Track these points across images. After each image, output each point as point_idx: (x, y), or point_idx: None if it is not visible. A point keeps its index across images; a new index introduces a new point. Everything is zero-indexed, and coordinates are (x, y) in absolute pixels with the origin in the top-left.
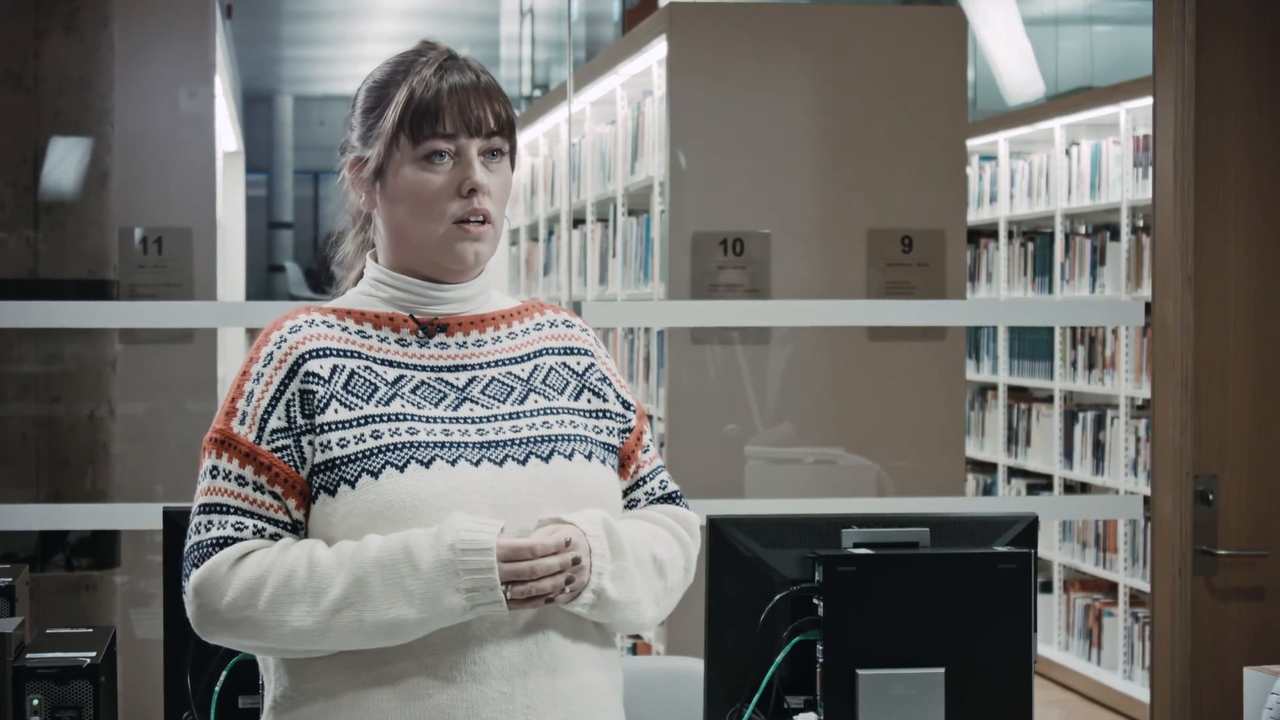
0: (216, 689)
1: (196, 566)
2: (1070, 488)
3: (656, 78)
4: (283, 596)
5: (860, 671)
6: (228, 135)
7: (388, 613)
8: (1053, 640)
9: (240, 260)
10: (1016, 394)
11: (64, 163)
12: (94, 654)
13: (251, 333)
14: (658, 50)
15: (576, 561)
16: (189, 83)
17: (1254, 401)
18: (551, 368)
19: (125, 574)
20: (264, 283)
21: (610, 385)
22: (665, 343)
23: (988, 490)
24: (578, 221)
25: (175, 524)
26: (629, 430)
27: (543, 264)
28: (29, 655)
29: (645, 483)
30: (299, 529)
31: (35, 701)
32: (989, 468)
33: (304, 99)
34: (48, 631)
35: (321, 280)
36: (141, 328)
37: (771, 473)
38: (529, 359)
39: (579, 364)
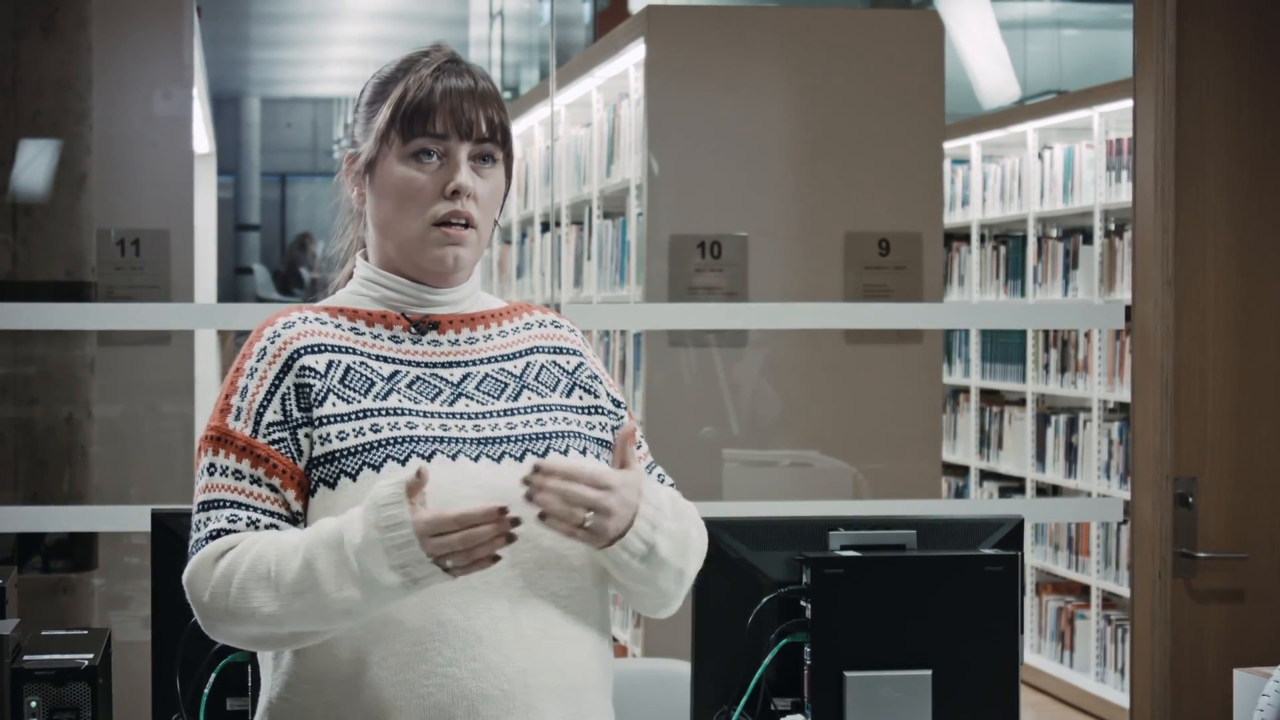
0: (206, 691)
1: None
2: (1042, 490)
3: (633, 80)
4: (250, 583)
5: (848, 673)
6: (200, 137)
7: (336, 595)
8: (1025, 643)
9: (211, 263)
10: (989, 397)
11: (32, 165)
12: (91, 655)
13: (223, 335)
14: (634, 53)
15: (515, 522)
16: (166, 84)
17: (1234, 404)
18: (543, 365)
19: (103, 576)
20: (231, 285)
21: (600, 383)
22: (642, 345)
23: (959, 493)
24: (554, 224)
25: (164, 526)
26: (621, 426)
27: (516, 267)
28: (26, 657)
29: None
30: (299, 521)
31: (34, 703)
32: (961, 470)
33: (271, 101)
34: (43, 633)
35: (289, 283)
36: (119, 329)
37: (748, 475)
38: (521, 356)
39: (569, 363)
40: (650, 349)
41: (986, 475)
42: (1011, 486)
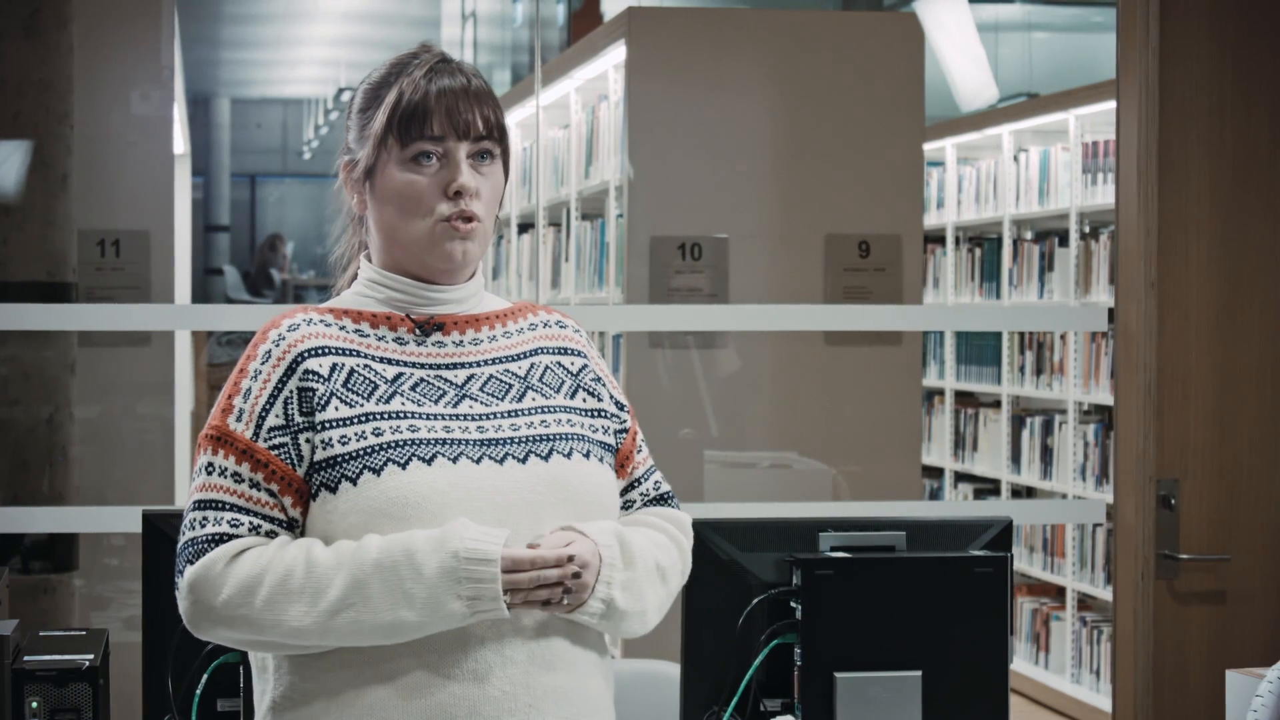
0: (198, 692)
1: (191, 563)
2: (1017, 492)
3: (612, 82)
4: (280, 596)
5: (838, 674)
6: (176, 137)
7: (387, 615)
8: None
9: (186, 264)
10: (964, 399)
11: (11, 165)
12: (91, 656)
13: (198, 336)
14: (613, 55)
15: (577, 575)
16: (146, 85)
17: (1216, 406)
18: (547, 366)
19: (83, 577)
20: (200, 285)
21: (604, 385)
22: (622, 347)
23: (934, 495)
24: (531, 225)
25: (155, 527)
26: (625, 431)
27: (492, 268)
28: (26, 658)
29: (640, 483)
30: (295, 527)
31: (34, 704)
32: (936, 472)
33: (241, 101)
34: (41, 634)
35: (259, 284)
36: (99, 330)
37: (728, 476)
38: (525, 357)
39: (573, 364)
40: (630, 351)
41: (961, 477)
42: (986, 488)
